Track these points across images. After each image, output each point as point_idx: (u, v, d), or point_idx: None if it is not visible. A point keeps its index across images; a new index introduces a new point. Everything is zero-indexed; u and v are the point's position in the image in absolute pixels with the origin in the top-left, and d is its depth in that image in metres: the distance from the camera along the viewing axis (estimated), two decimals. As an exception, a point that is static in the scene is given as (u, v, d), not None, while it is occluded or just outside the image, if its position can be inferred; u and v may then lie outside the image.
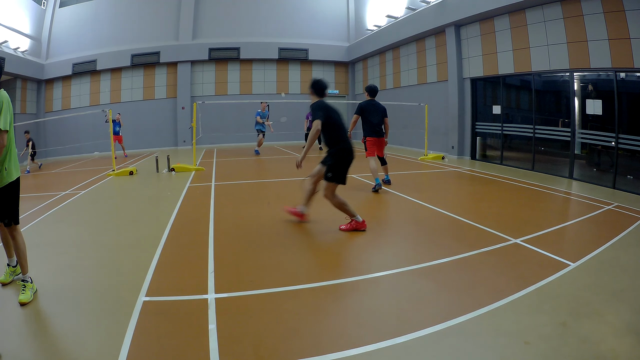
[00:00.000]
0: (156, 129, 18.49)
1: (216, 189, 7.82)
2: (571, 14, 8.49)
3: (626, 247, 4.24)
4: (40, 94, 18.22)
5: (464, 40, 12.15)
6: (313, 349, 2.47)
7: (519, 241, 4.42)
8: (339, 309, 3.01)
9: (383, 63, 17.26)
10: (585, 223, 5.32)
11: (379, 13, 16.92)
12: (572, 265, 3.70)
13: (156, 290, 3.32)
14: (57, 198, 7.48)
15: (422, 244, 4.59)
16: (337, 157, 4.95)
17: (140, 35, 18.27)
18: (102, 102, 18.31)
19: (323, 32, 19.85)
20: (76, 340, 2.64)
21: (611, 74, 7.71)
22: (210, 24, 18.78)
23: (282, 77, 19.67)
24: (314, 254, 4.22)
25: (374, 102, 7.53)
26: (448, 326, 2.70)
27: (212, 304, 3.05)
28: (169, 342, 2.57)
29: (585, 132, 8.49)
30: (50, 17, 18.30)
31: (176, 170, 10.25)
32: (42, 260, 4.14)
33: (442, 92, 13.09)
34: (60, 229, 5.52)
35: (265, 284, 3.42)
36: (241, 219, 5.59)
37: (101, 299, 3.25)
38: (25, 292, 3.15)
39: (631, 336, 2.56)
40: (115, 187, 8.78)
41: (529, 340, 2.52)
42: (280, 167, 11.04)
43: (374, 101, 7.55)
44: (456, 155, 12.56)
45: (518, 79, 10.64)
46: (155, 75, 18.65)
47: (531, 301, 3.04)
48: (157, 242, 4.56)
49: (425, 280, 3.51)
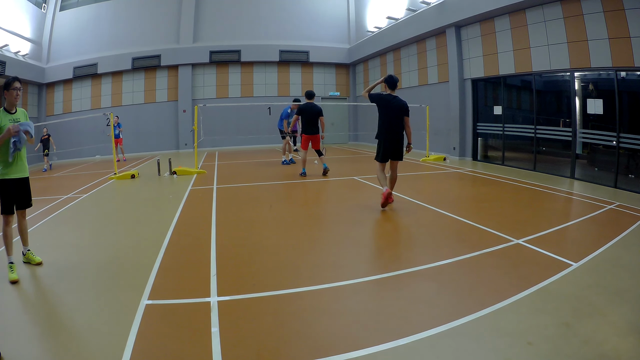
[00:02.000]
0: (157, 132, 18.53)
1: (218, 192, 7.83)
2: (571, 13, 8.49)
3: (628, 246, 4.23)
4: (41, 98, 18.27)
5: (464, 41, 12.15)
6: (315, 351, 2.47)
7: (521, 242, 4.42)
8: (341, 311, 3.01)
9: (384, 65, 17.27)
10: (587, 223, 5.32)
11: (380, 14, 16.95)
12: (574, 265, 3.70)
13: (159, 293, 3.33)
14: (59, 201, 7.50)
15: (424, 245, 4.58)
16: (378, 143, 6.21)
17: (141, 38, 18.32)
18: (103, 105, 18.35)
19: (324, 34, 19.88)
20: (79, 343, 2.64)
21: (612, 73, 7.71)
22: (211, 26, 18.83)
23: (283, 80, 19.70)
24: (315, 257, 4.22)
25: (312, 104, 9.28)
26: (450, 327, 2.70)
27: (215, 306, 3.06)
28: (172, 345, 2.58)
29: (586, 131, 8.48)
30: (50, 20, 18.36)
31: (178, 173, 10.27)
32: (44, 263, 4.16)
33: (443, 93, 13.09)
34: (63, 232, 5.53)
35: (268, 286, 3.43)
36: (243, 222, 5.60)
37: (104, 302, 3.26)
38: (14, 271, 3.70)
39: (634, 336, 2.55)
40: (117, 190, 8.79)
41: (531, 341, 2.51)
42: (282, 170, 11.04)
43: (313, 103, 9.32)
44: (458, 156, 12.55)
45: (519, 79, 10.63)
46: (156, 78, 18.70)
47: (533, 302, 3.04)
48: (159, 245, 4.57)
49: (427, 281, 3.51)
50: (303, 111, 9.22)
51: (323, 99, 19.48)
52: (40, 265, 4.05)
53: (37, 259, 4.10)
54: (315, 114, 9.22)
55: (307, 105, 9.27)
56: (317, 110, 9.27)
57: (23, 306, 3.18)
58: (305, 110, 9.22)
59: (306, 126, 9.24)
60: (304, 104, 9.36)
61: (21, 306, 3.14)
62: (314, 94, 9.55)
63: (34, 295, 3.45)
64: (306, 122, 9.21)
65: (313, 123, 9.23)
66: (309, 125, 9.23)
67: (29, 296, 3.38)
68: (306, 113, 9.20)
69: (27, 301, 3.29)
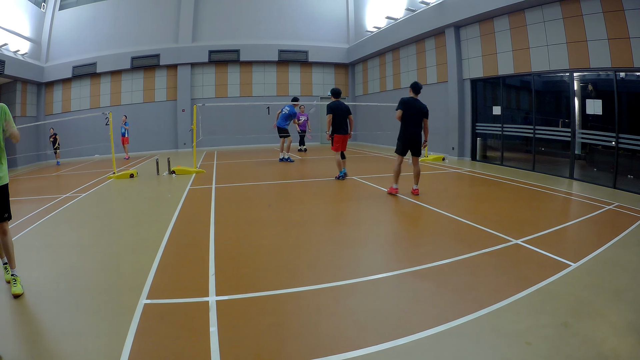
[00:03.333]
0: (156, 132, 18.51)
1: (217, 192, 7.82)
2: (570, 14, 8.50)
3: (627, 246, 4.24)
4: (40, 97, 18.24)
5: (463, 41, 12.15)
6: (314, 351, 2.47)
7: (520, 242, 4.42)
8: (339, 310, 3.00)
9: (383, 64, 17.27)
10: (586, 223, 5.32)
11: (379, 14, 16.95)
12: (573, 266, 3.70)
13: (157, 293, 3.32)
14: (58, 201, 7.49)
15: (423, 245, 4.58)
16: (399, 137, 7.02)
17: (140, 37, 18.30)
18: (102, 104, 18.34)
19: (323, 33, 19.88)
20: (77, 343, 2.63)
21: (611, 73, 7.71)
22: (210, 26, 18.81)
23: (282, 79, 19.69)
24: (315, 256, 4.22)
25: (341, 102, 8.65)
26: (449, 327, 2.70)
27: (213, 306, 3.05)
28: (170, 345, 2.57)
29: (585, 132, 8.48)
30: (50, 19, 18.33)
31: (177, 172, 10.26)
32: (43, 262, 4.15)
33: (442, 93, 13.10)
34: (61, 231, 5.52)
35: (266, 286, 3.42)
36: (242, 221, 5.59)
37: (102, 302, 3.25)
38: (17, 285, 3.37)
39: (633, 336, 2.55)
40: (116, 189, 8.78)
41: (530, 341, 2.51)
42: (281, 170, 11.03)
43: (340, 101, 8.70)
44: (456, 156, 12.56)
45: (518, 80, 10.64)
46: (155, 77, 18.68)
47: (532, 302, 3.04)
48: (158, 245, 4.57)
49: (425, 281, 3.50)
50: (335, 110, 8.48)
51: (322, 99, 19.49)
52: (18, 297, 3.29)
53: (17, 290, 3.33)
54: (345, 112, 8.62)
55: (337, 104, 8.57)
56: (346, 108, 8.68)
57: (21, 306, 3.17)
58: (337, 109, 8.51)
59: (338, 126, 8.55)
60: (334, 102, 8.60)
61: (19, 306, 3.13)
62: (340, 91, 8.92)
63: (32, 295, 3.43)
64: (338, 122, 8.53)
65: (345, 122, 8.63)
66: (342, 125, 8.58)
67: (27, 295, 3.37)
68: (338, 112, 8.51)
69: (25, 301, 3.27)
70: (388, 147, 15.73)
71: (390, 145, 16.12)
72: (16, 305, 3.13)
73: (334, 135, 8.57)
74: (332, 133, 8.57)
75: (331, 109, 8.47)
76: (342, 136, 8.59)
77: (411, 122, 6.95)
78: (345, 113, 8.59)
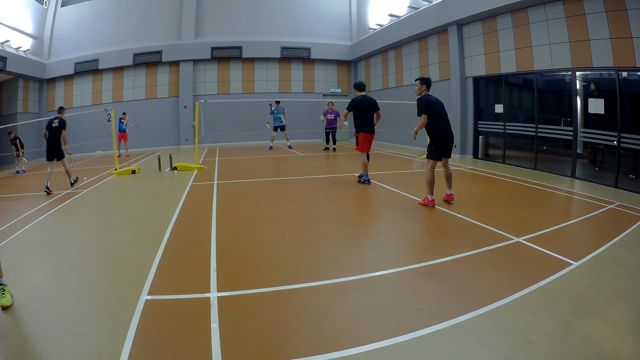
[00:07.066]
0: (158, 128, 18.50)
1: (218, 188, 7.83)
2: (573, 13, 8.46)
3: (628, 246, 4.23)
4: (42, 94, 18.24)
5: (466, 39, 12.12)
6: (315, 347, 2.48)
7: (521, 240, 4.42)
8: (340, 307, 3.01)
9: (385, 62, 17.23)
10: (588, 222, 5.31)
11: (381, 12, 16.89)
12: (575, 264, 3.70)
13: (158, 289, 3.33)
14: (60, 197, 7.51)
15: (424, 243, 4.59)
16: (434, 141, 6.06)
17: (143, 34, 18.27)
18: (104, 101, 18.32)
19: (325, 30, 19.83)
20: (78, 339, 2.65)
21: (613, 73, 7.69)
22: (213, 22, 18.77)
23: (285, 76, 19.67)
24: (316, 253, 4.22)
25: (367, 96, 7.75)
26: (450, 325, 2.70)
27: (215, 302, 3.06)
28: (171, 341, 2.58)
29: (587, 131, 8.46)
30: (52, 16, 18.31)
31: (178, 169, 10.27)
32: (44, 259, 4.16)
33: (445, 91, 13.03)
34: (62, 227, 5.54)
35: (267, 282, 3.43)
36: (244, 218, 5.60)
37: (103, 298, 3.26)
38: (5, 295, 3.11)
39: (633, 335, 2.55)
40: (118, 186, 8.80)
41: (531, 339, 2.52)
42: (283, 166, 11.03)
43: (366, 95, 7.77)
44: (458, 154, 12.53)
45: (520, 78, 10.61)
46: (157, 74, 18.66)
47: (533, 300, 3.04)
48: (159, 241, 4.58)
49: (427, 279, 3.51)
50: (360, 104, 7.55)
51: (324, 96, 19.46)
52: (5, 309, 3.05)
53: (5, 301, 3.08)
54: (372, 108, 7.66)
55: (363, 99, 7.59)
56: (374, 103, 7.69)
57: (22, 302, 3.18)
58: (364, 103, 7.56)
59: (363, 123, 7.60)
60: (359, 97, 7.64)
61: (20, 302, 3.14)
62: (365, 85, 7.98)
63: (32, 291, 3.45)
64: (363, 119, 7.58)
65: (371, 119, 7.67)
66: (368, 123, 7.63)
67: (28, 292, 3.38)
68: (363, 107, 7.57)
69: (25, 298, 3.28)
70: (388, 145, 15.73)
71: (391, 142, 16.12)
72: (17, 302, 3.14)
73: (359, 134, 7.72)
74: (357, 131, 7.73)
75: (356, 104, 7.61)
76: (368, 135, 7.70)
77: (441, 121, 6.09)
78: (372, 109, 7.70)
